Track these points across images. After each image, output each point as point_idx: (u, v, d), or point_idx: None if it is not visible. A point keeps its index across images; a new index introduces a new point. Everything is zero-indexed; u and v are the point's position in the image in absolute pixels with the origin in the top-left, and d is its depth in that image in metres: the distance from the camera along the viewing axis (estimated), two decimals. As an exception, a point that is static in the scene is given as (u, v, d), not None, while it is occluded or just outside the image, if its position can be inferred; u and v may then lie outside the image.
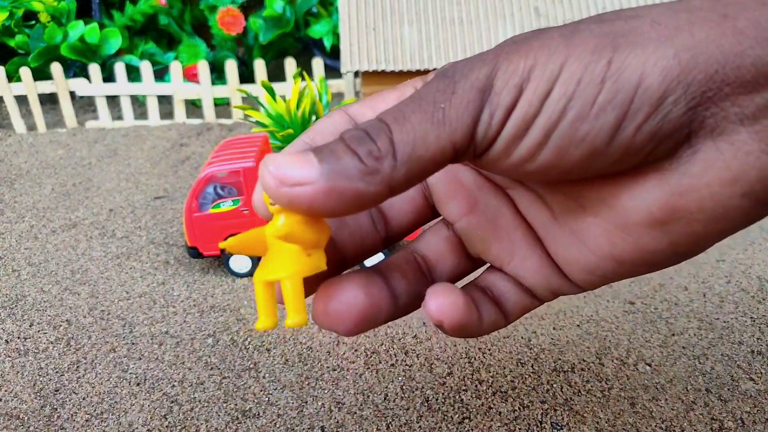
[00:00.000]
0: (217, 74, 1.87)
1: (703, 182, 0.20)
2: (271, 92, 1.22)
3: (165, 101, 1.87)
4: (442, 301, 0.22)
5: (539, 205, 0.25)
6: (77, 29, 1.73)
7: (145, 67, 1.64)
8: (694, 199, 0.20)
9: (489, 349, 0.72)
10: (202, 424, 0.62)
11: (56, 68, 1.61)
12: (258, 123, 1.24)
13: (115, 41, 1.78)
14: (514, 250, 0.26)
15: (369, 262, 0.88)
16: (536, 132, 0.20)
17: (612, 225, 0.22)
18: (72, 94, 1.75)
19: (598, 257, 0.23)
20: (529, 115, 0.20)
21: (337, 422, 0.62)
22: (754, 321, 0.76)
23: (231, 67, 1.61)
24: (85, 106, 1.90)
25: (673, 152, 0.20)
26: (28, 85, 1.61)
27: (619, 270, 0.24)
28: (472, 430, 0.61)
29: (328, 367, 0.70)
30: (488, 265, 0.28)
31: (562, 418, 0.61)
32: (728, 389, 0.65)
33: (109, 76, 1.74)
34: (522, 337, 0.74)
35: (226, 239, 0.87)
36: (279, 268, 0.22)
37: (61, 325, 0.80)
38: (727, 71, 0.18)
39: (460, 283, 0.28)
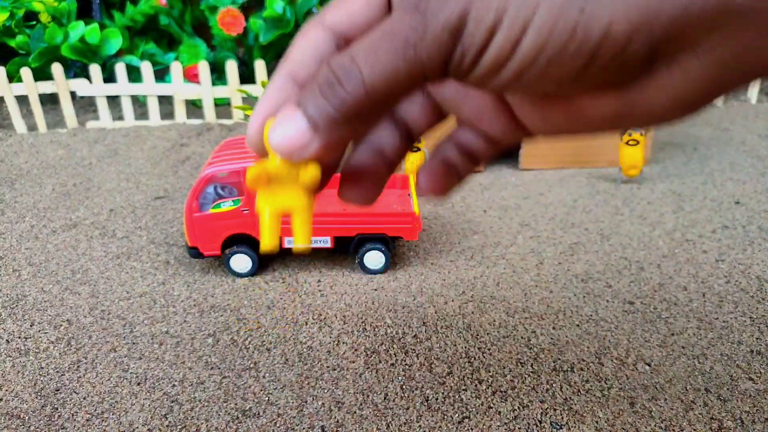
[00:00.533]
0: (218, 74, 1.87)
1: (654, 100, 0.22)
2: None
3: (165, 101, 1.87)
4: (429, 179, 0.27)
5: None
6: (78, 30, 1.73)
7: (146, 68, 1.65)
8: (644, 111, 0.22)
9: (489, 349, 0.72)
10: (202, 423, 0.62)
11: (57, 68, 1.61)
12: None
13: (116, 41, 1.78)
14: (482, 111, 0.28)
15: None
16: (506, 73, 0.21)
17: (571, 115, 0.24)
18: (73, 94, 1.76)
19: (554, 129, 0.26)
20: (501, 58, 0.20)
21: (337, 422, 0.62)
22: (753, 321, 0.76)
23: (231, 67, 1.62)
24: (85, 106, 1.91)
25: (633, 78, 0.21)
26: (28, 85, 1.61)
27: (569, 129, 0.26)
28: (471, 429, 0.61)
29: (327, 367, 0.70)
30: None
31: (562, 418, 0.62)
32: (727, 389, 0.65)
33: (109, 77, 1.74)
34: (522, 337, 0.74)
35: (225, 240, 0.86)
36: (291, 201, 0.26)
37: (61, 325, 0.80)
38: (691, 12, 0.19)
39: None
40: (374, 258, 0.89)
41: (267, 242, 0.25)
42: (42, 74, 1.70)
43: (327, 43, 0.25)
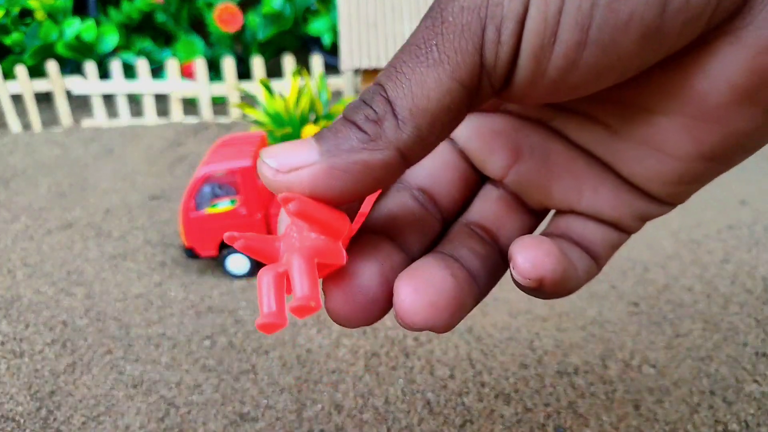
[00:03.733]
0: (215, 72, 1.86)
1: (712, 85, 0.17)
2: (270, 90, 1.21)
3: (162, 99, 1.85)
4: (535, 254, 0.18)
5: (592, 125, 0.21)
6: (73, 27, 1.72)
7: (142, 65, 1.63)
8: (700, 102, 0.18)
9: (491, 352, 0.71)
10: (199, 427, 0.61)
11: (52, 66, 1.59)
12: (256, 121, 1.23)
13: (112, 39, 1.77)
14: (580, 185, 0.22)
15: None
16: (568, 31, 0.16)
17: (690, 118, 0.19)
18: (68, 92, 1.74)
19: (682, 161, 0.20)
20: (552, 11, 0.16)
21: (337, 426, 0.61)
22: (758, 322, 0.75)
23: (229, 64, 1.60)
24: (81, 104, 1.89)
25: (740, 4, 0.16)
26: (23, 83, 1.60)
27: (711, 168, 0.20)
28: (474, 434, 0.60)
29: (327, 370, 0.69)
30: (553, 212, 0.25)
31: (566, 422, 0.61)
32: (733, 391, 0.64)
33: (105, 74, 1.73)
34: (525, 340, 0.73)
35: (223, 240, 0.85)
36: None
37: (56, 327, 0.79)
38: None
39: None
40: None
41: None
42: (37, 72, 1.69)
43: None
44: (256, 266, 0.89)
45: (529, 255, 0.18)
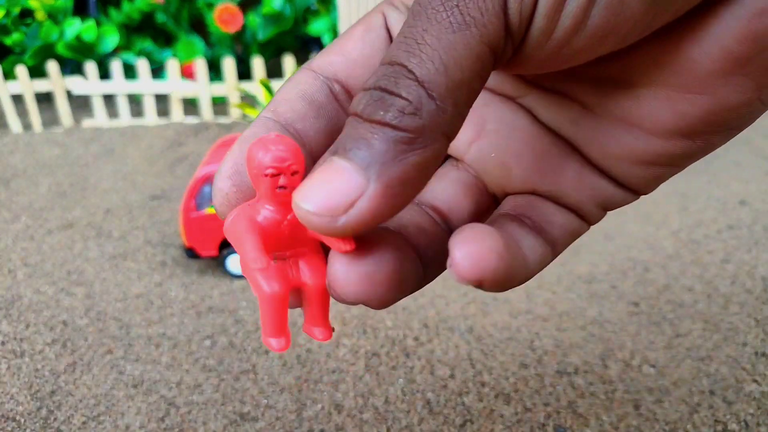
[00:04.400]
0: (215, 72, 1.86)
1: (704, 50, 0.16)
2: (270, 90, 1.21)
3: (162, 99, 1.86)
4: (475, 250, 0.16)
5: (564, 103, 0.20)
6: (74, 27, 1.72)
7: (142, 65, 1.63)
8: (691, 68, 0.17)
9: (491, 351, 0.71)
10: (199, 427, 0.61)
11: (53, 66, 1.60)
12: (256, 121, 1.23)
13: (112, 39, 1.77)
14: (543, 165, 0.21)
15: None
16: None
17: (675, 89, 0.18)
18: (68, 92, 1.74)
19: (659, 138, 0.19)
20: None
21: (337, 425, 0.61)
22: (758, 322, 0.75)
23: (229, 64, 1.60)
24: (81, 104, 1.89)
25: None
26: (24, 83, 1.60)
27: (687, 149, 0.19)
28: (474, 433, 0.60)
29: (327, 370, 0.69)
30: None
31: (566, 421, 0.61)
32: (733, 391, 0.64)
33: (105, 74, 1.73)
34: (525, 339, 0.73)
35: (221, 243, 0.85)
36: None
37: (57, 327, 0.79)
38: None
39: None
40: None
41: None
42: (37, 72, 1.69)
43: (315, 85, 0.20)
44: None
45: (469, 251, 0.16)
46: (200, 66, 1.63)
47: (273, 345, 0.19)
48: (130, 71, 1.77)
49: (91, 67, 1.63)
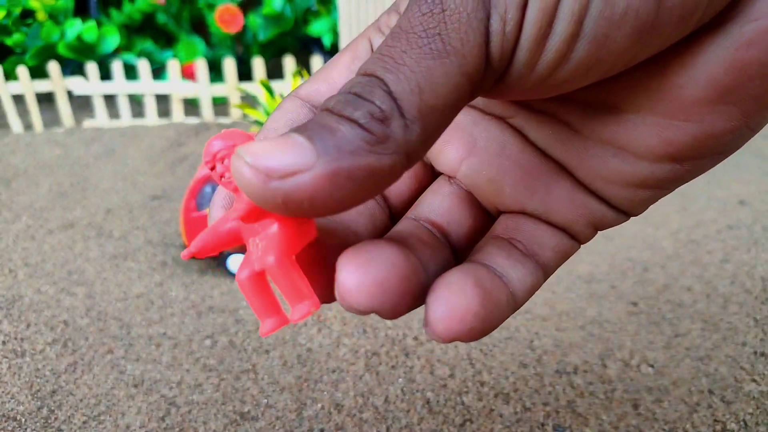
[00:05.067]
0: (216, 72, 1.86)
1: (691, 81, 0.17)
2: (270, 91, 1.21)
3: (163, 100, 1.86)
4: (447, 312, 0.17)
5: (553, 125, 0.21)
6: (74, 28, 1.72)
7: (143, 66, 1.63)
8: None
9: (491, 351, 0.71)
10: (200, 426, 0.62)
11: (53, 67, 1.60)
12: (256, 122, 1.23)
13: (113, 39, 1.77)
14: (533, 183, 0.21)
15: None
16: (564, 23, 0.15)
17: (662, 115, 0.18)
18: (69, 93, 1.75)
19: (647, 162, 0.19)
20: (550, 2, 0.15)
21: (337, 425, 0.61)
22: (757, 322, 0.75)
23: (229, 65, 1.60)
24: (82, 105, 1.90)
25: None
26: (25, 83, 1.60)
27: (675, 173, 0.19)
28: (473, 433, 0.60)
29: (327, 369, 0.69)
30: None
31: (565, 421, 0.61)
32: (732, 391, 0.64)
33: (106, 75, 1.73)
34: (524, 339, 0.73)
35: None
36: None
37: (57, 326, 0.79)
38: None
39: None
40: None
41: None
42: (38, 72, 1.69)
43: (302, 113, 0.21)
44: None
45: (443, 313, 0.17)
46: (201, 66, 1.63)
47: (260, 330, 0.19)
48: (131, 72, 1.77)
49: (92, 67, 1.64)
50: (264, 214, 0.18)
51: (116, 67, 1.65)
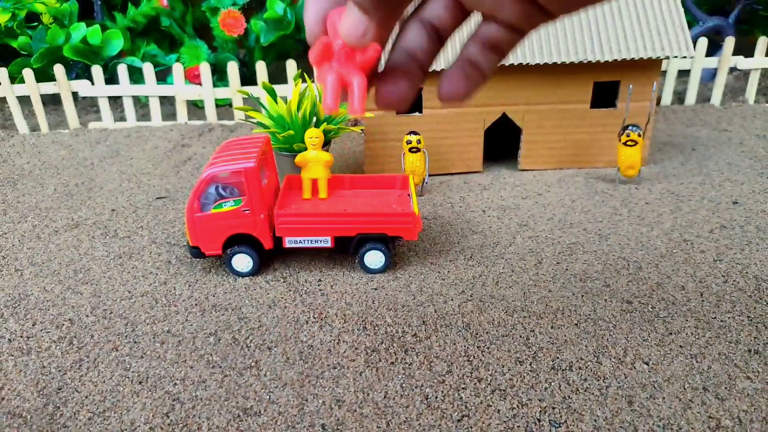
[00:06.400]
0: (219, 76, 1.88)
1: None
2: (272, 94, 1.23)
3: (167, 102, 1.87)
4: (447, 87, 0.28)
5: None
6: (79, 31, 1.74)
7: (148, 69, 1.65)
8: None
9: (488, 348, 0.73)
10: (203, 422, 0.63)
11: (59, 69, 1.62)
12: (259, 124, 1.24)
13: (117, 43, 1.79)
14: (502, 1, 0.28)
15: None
16: None
17: None
18: (75, 95, 1.77)
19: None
20: None
21: (338, 420, 0.63)
22: (750, 320, 0.76)
23: (232, 68, 1.62)
24: (87, 107, 1.91)
25: None
26: (30, 86, 1.62)
27: None
28: (471, 428, 0.61)
29: (328, 365, 0.71)
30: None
31: (560, 416, 0.62)
32: (725, 388, 0.65)
33: (111, 78, 1.75)
34: (520, 336, 0.75)
35: (226, 241, 0.88)
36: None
37: (63, 324, 0.80)
38: None
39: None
40: (374, 258, 0.90)
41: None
42: (44, 75, 1.71)
43: None
44: (260, 265, 0.91)
45: (446, 87, 0.28)
46: (204, 69, 1.65)
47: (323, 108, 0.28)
48: (135, 74, 1.79)
49: (97, 70, 1.66)
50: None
51: (121, 70, 1.67)
